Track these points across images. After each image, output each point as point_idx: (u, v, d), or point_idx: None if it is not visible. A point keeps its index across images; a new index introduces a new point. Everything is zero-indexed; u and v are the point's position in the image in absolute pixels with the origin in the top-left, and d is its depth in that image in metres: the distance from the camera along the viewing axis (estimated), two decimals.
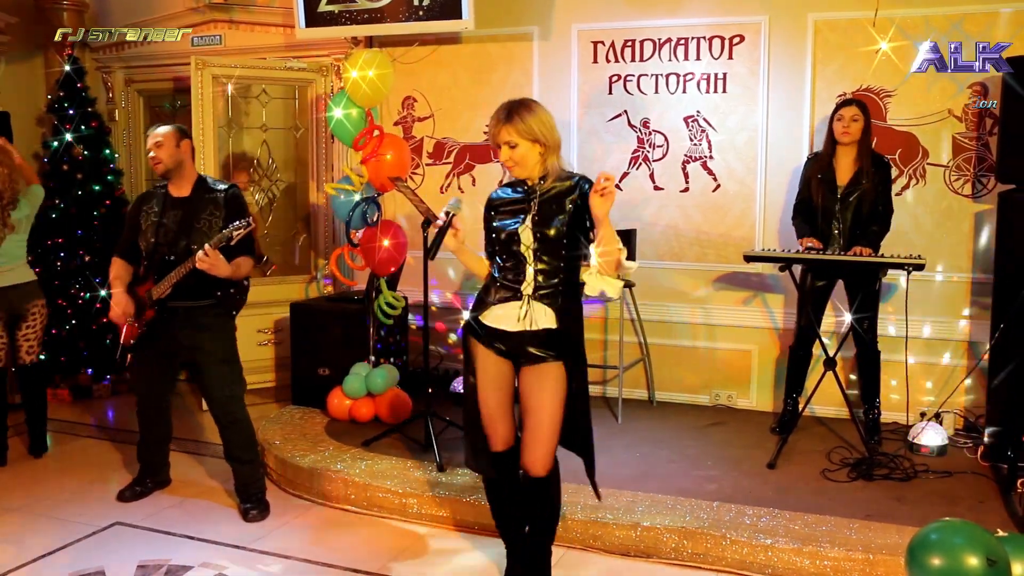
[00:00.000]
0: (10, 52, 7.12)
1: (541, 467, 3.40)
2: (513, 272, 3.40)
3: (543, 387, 3.37)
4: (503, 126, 3.33)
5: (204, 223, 4.37)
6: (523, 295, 3.37)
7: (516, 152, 3.33)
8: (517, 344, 3.40)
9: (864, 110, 4.92)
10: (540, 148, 3.35)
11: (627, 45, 5.96)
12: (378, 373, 5.57)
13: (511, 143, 3.33)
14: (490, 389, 3.48)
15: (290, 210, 7.21)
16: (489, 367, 3.47)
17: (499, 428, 3.50)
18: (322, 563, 4.01)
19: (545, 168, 3.39)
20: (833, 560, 3.72)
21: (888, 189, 5.01)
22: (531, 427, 3.39)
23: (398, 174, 5.43)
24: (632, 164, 6.02)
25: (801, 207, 5.13)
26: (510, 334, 3.39)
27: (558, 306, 3.36)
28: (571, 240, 3.36)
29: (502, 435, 3.51)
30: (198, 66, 6.33)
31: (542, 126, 3.35)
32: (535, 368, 3.39)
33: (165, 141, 4.42)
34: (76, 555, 4.08)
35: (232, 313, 4.54)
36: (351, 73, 5.49)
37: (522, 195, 3.42)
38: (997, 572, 2.45)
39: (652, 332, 6.02)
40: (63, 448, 5.66)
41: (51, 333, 6.57)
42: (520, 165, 3.36)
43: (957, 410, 5.34)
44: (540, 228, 3.34)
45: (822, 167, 5.02)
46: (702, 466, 4.80)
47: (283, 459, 4.94)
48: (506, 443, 3.52)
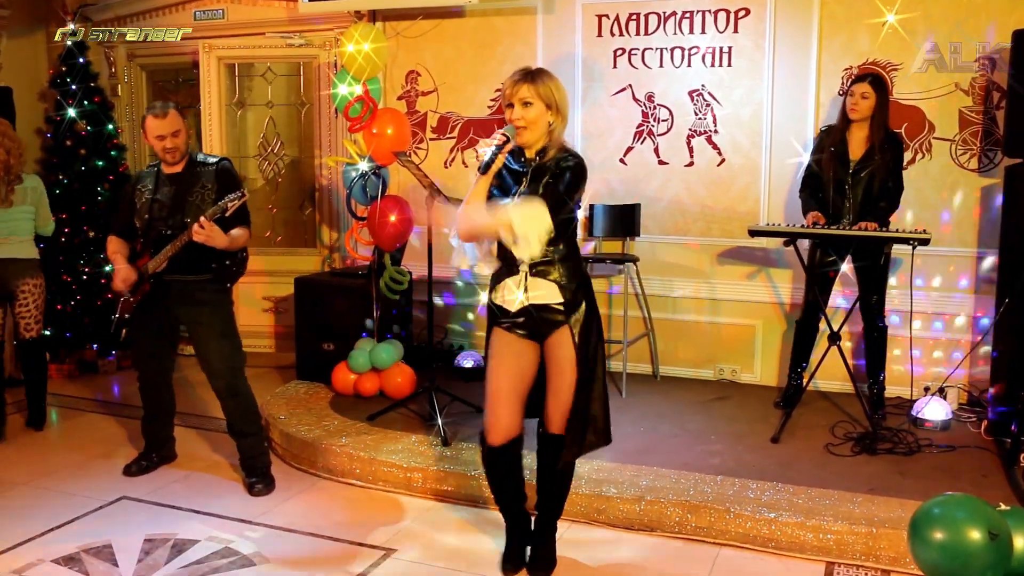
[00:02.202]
0: (12, 27, 7.08)
1: (558, 424, 3.41)
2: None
3: (561, 353, 3.36)
4: (523, 84, 3.28)
5: (197, 196, 4.36)
6: (520, 270, 3.35)
7: (529, 111, 3.28)
8: (531, 317, 3.38)
9: (877, 87, 4.88)
10: (551, 116, 3.32)
11: (632, 18, 5.91)
12: (383, 348, 5.57)
13: (527, 100, 3.27)
14: (501, 370, 3.42)
15: (297, 184, 7.23)
16: (504, 348, 3.44)
17: (501, 413, 3.41)
18: (327, 536, 4.03)
19: (550, 139, 3.36)
20: (836, 534, 3.73)
21: (900, 166, 4.98)
22: (551, 389, 3.41)
23: (399, 148, 5.40)
24: (637, 138, 5.99)
25: (809, 181, 5.11)
26: (521, 310, 3.38)
27: (558, 278, 3.34)
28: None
29: (504, 422, 3.41)
30: (205, 49, 6.37)
31: (560, 94, 3.34)
32: (554, 337, 3.38)
33: (182, 128, 4.41)
34: (83, 529, 4.11)
35: (228, 286, 4.54)
36: (347, 47, 5.46)
37: (520, 168, 3.39)
38: (999, 546, 2.45)
39: (656, 307, 6.02)
40: (69, 423, 5.69)
41: (56, 309, 6.60)
42: (530, 127, 3.30)
43: (961, 384, 5.34)
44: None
45: (835, 141, 4.99)
46: (706, 440, 4.81)
47: (288, 433, 4.95)
48: (506, 434, 3.42)
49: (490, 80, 6.29)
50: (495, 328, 3.47)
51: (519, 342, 3.43)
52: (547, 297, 3.35)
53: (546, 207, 3.18)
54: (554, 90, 3.31)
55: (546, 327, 3.39)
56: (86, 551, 3.87)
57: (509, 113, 3.32)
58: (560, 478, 3.58)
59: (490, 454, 3.48)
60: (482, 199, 3.32)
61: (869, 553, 3.69)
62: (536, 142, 3.35)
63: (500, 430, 3.42)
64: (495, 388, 3.43)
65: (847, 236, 4.75)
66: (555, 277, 3.35)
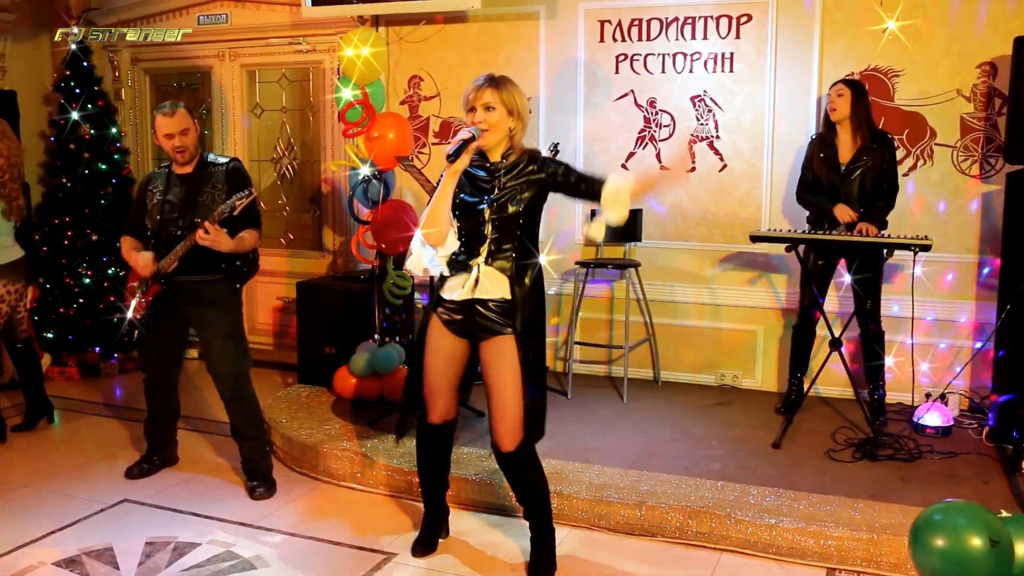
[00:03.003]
0: (16, 31, 7.10)
1: (509, 441, 3.48)
2: (469, 247, 3.49)
3: (502, 362, 3.45)
4: (487, 88, 3.42)
5: (207, 196, 4.37)
6: (473, 266, 3.47)
7: (491, 115, 3.40)
8: (470, 316, 3.48)
9: (851, 85, 4.96)
10: (512, 121, 3.45)
11: (634, 24, 5.93)
12: (384, 352, 5.58)
13: (489, 104, 3.40)
14: (437, 364, 3.59)
15: (308, 188, 7.25)
16: (441, 342, 3.57)
17: (437, 403, 3.63)
18: (328, 540, 4.03)
19: (511, 144, 3.49)
20: (837, 540, 3.73)
21: (893, 166, 5.00)
22: (494, 403, 3.49)
23: (400, 152, 5.38)
24: (638, 144, 6.00)
25: (808, 188, 5.11)
26: (463, 306, 3.48)
27: (511, 273, 3.44)
28: (529, 216, 3.47)
29: (440, 409, 3.65)
30: (229, 57, 6.66)
31: (522, 101, 3.48)
32: (492, 342, 3.47)
33: (191, 127, 4.43)
34: (84, 532, 4.11)
35: (238, 287, 4.55)
36: (345, 51, 5.46)
37: (486, 174, 3.50)
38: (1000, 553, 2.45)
39: (658, 312, 6.02)
40: (71, 425, 5.69)
41: (58, 311, 6.61)
42: (492, 130, 3.42)
43: (962, 391, 5.34)
44: (501, 206, 3.43)
45: (823, 146, 5.03)
46: (707, 446, 4.81)
47: (289, 437, 4.96)
48: (443, 416, 3.66)
49: None
50: (432, 314, 3.59)
51: (450, 339, 3.56)
52: (495, 292, 3.45)
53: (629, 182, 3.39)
54: (516, 97, 3.45)
55: (481, 331, 3.49)
56: (87, 554, 3.88)
57: (470, 117, 3.46)
58: (524, 475, 3.59)
59: (425, 431, 3.70)
60: (448, 200, 3.45)
61: (870, 559, 3.69)
62: (497, 145, 3.48)
63: (437, 413, 3.66)
64: (431, 381, 3.61)
65: (849, 242, 4.75)
66: (508, 270, 3.45)
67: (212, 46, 7.21)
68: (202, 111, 7.37)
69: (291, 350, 6.49)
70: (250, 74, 7.22)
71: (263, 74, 7.22)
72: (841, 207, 4.91)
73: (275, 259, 7.07)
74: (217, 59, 7.21)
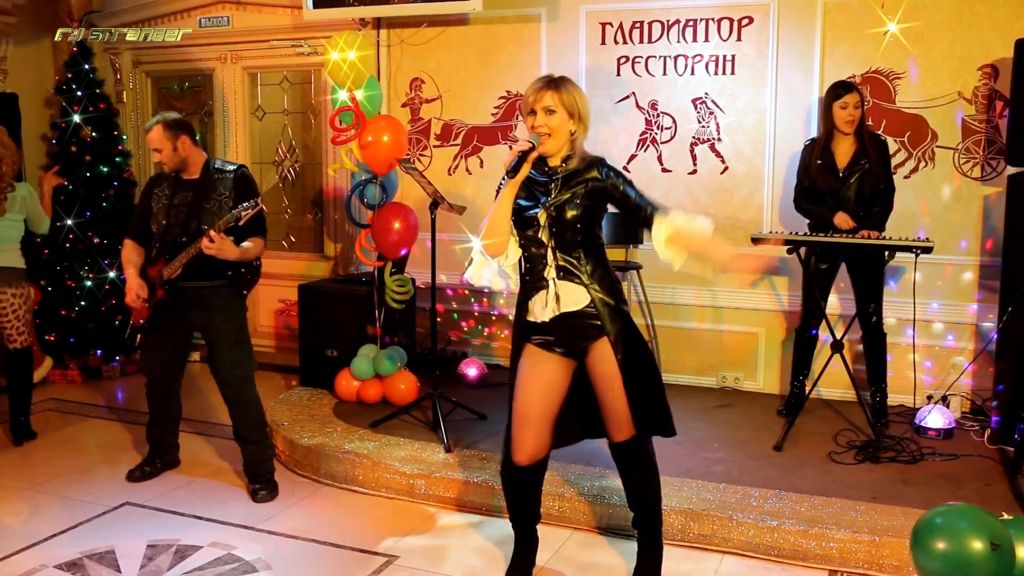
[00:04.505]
0: (18, 34, 7.12)
1: (624, 434, 3.35)
2: (535, 260, 3.31)
3: (603, 368, 3.28)
4: (547, 91, 3.24)
5: (214, 203, 4.37)
6: (548, 280, 3.29)
7: (552, 119, 3.23)
8: (564, 332, 3.30)
9: (860, 94, 4.93)
10: (573, 125, 3.28)
11: (635, 26, 5.93)
12: (386, 355, 5.58)
13: (550, 108, 3.23)
14: (533, 393, 3.33)
15: (307, 191, 7.27)
16: (539, 366, 3.34)
17: (528, 436, 3.32)
18: (330, 543, 4.03)
19: (573, 148, 3.33)
20: (839, 542, 3.73)
21: (888, 168, 4.99)
22: (606, 406, 3.33)
23: (395, 156, 5.37)
24: (640, 146, 6.00)
25: (806, 194, 5.09)
26: (553, 323, 3.29)
27: (584, 281, 3.27)
28: (588, 221, 3.28)
29: (530, 444, 3.33)
30: (221, 58, 6.63)
31: (583, 102, 3.31)
32: (593, 350, 3.29)
33: (162, 146, 4.37)
34: (86, 535, 4.11)
35: (243, 293, 4.55)
36: (331, 54, 5.45)
37: (545, 178, 3.33)
38: (1001, 556, 2.45)
39: (659, 314, 6.02)
40: (72, 428, 5.69)
41: (60, 314, 6.62)
42: (553, 135, 3.24)
43: (964, 393, 5.34)
44: (558, 211, 3.25)
45: (820, 153, 5.00)
46: (709, 448, 4.81)
47: (291, 440, 4.96)
48: (532, 456, 3.34)
49: (494, 88, 6.31)
50: (526, 345, 3.38)
51: (552, 359, 3.34)
52: (578, 302, 3.27)
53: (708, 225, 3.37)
54: (577, 98, 3.28)
55: (582, 339, 3.30)
56: (89, 557, 3.88)
57: (531, 121, 3.26)
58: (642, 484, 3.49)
59: (513, 473, 3.39)
60: (508, 209, 3.25)
61: (872, 562, 3.69)
62: (559, 150, 3.30)
63: (526, 452, 3.34)
64: (523, 411, 3.33)
65: (851, 244, 4.75)
66: (584, 280, 3.28)
67: (214, 48, 7.23)
68: (204, 114, 7.38)
69: (293, 352, 6.49)
70: (252, 77, 7.25)
71: (265, 77, 7.24)
72: (841, 215, 4.90)
73: (277, 262, 7.07)
74: (219, 61, 7.23)
